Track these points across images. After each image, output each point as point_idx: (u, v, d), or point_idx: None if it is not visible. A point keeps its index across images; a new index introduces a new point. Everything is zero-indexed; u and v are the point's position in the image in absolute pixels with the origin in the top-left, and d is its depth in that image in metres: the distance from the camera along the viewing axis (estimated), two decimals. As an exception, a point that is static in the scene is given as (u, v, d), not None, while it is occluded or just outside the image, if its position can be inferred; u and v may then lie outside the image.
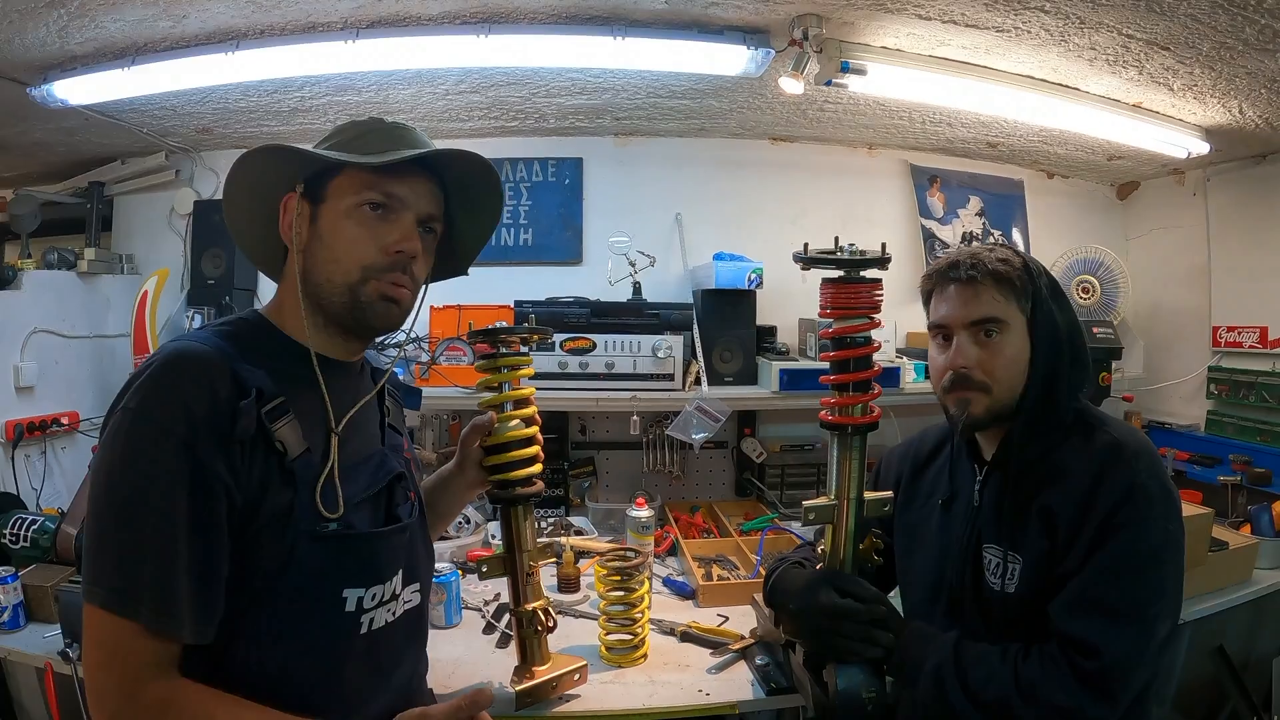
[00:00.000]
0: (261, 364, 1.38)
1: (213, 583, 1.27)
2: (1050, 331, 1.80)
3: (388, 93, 3.41)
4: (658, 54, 2.86)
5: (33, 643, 2.61)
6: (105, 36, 2.80)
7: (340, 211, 1.48)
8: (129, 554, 1.22)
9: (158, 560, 1.21)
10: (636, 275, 3.82)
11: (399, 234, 1.49)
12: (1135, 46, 2.78)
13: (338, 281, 1.47)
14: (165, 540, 1.22)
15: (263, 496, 1.32)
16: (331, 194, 1.49)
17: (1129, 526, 1.62)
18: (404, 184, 1.50)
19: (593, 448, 4.10)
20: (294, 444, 1.38)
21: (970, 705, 1.66)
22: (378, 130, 1.55)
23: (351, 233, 1.47)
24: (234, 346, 1.38)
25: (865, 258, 1.79)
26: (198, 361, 1.30)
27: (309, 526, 1.37)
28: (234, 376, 1.31)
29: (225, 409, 1.28)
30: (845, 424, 1.82)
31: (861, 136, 4.18)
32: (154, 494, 1.22)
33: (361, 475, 1.53)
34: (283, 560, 1.34)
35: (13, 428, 3.50)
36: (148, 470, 1.23)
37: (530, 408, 2.07)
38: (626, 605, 2.49)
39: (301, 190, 1.51)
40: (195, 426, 1.24)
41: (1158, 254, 4.52)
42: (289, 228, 1.52)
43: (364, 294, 1.47)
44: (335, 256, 1.47)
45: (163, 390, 1.27)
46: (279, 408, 1.36)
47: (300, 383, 1.46)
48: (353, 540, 1.44)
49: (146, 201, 4.33)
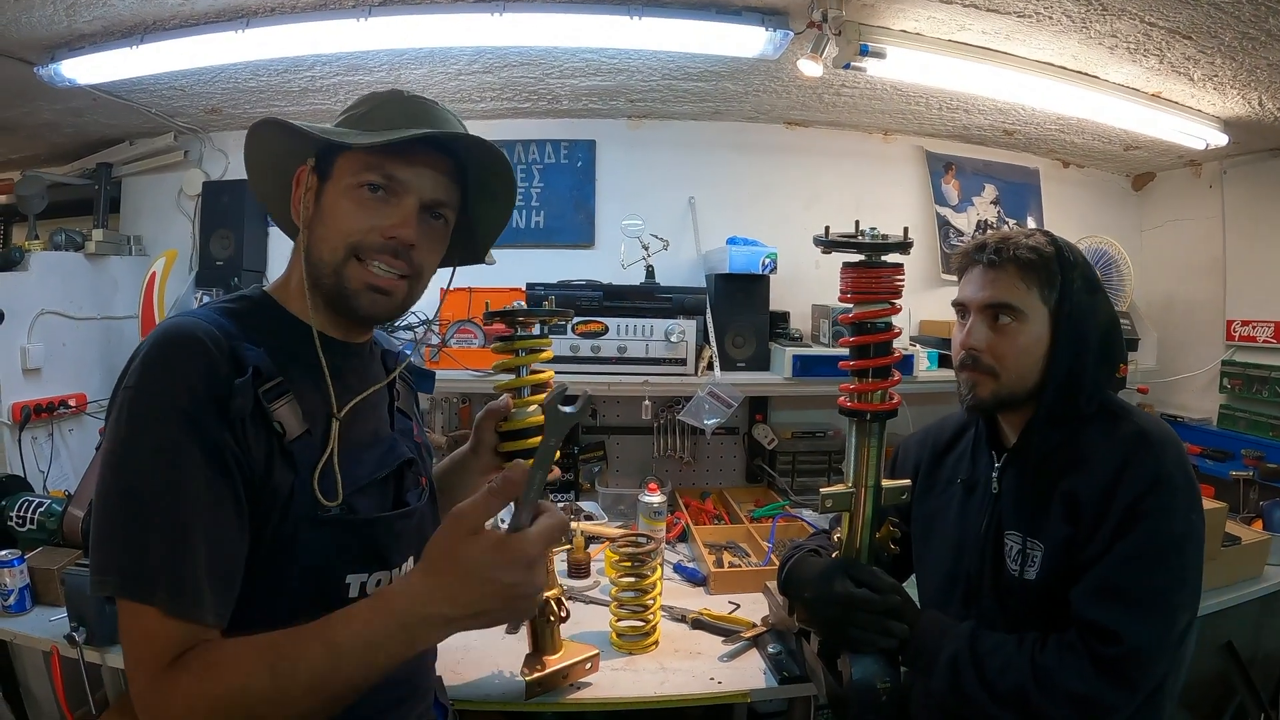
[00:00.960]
0: (262, 343, 1.33)
1: (228, 559, 1.23)
2: (1077, 325, 1.78)
3: (399, 72, 3.37)
4: (675, 34, 2.83)
5: (39, 626, 2.60)
6: (113, 14, 2.77)
7: (340, 190, 1.41)
8: (138, 537, 1.17)
9: (169, 541, 1.16)
10: (649, 259, 3.79)
11: (397, 218, 1.40)
12: (1157, 34, 2.74)
13: (327, 260, 1.40)
14: (175, 519, 1.17)
15: (267, 476, 1.28)
16: (336, 171, 1.42)
17: (1153, 515, 1.61)
18: (409, 166, 1.40)
19: (603, 432, 4.09)
20: (293, 425, 1.32)
21: (986, 695, 1.65)
22: (392, 104, 1.46)
23: (345, 210, 1.39)
24: (235, 324, 1.33)
25: (887, 242, 1.76)
26: (194, 337, 1.24)
27: (308, 511, 1.32)
28: (232, 354, 1.27)
29: (223, 386, 1.23)
30: (864, 410, 1.81)
31: (877, 122, 4.16)
32: (160, 472, 1.18)
33: (368, 460, 1.48)
34: (283, 544, 1.30)
35: (20, 410, 3.49)
36: (153, 448, 1.19)
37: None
38: (638, 592, 2.48)
39: (312, 165, 1.44)
40: (197, 399, 1.20)
41: (1172, 246, 4.49)
42: (298, 202, 1.46)
43: (349, 279, 1.40)
44: (326, 234, 1.41)
45: (161, 366, 1.22)
46: (277, 388, 1.31)
47: (303, 363, 1.40)
48: (354, 525, 1.39)
49: (155, 182, 4.31)
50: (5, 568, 2.64)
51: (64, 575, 2.61)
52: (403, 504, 1.54)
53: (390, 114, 1.43)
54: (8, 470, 3.37)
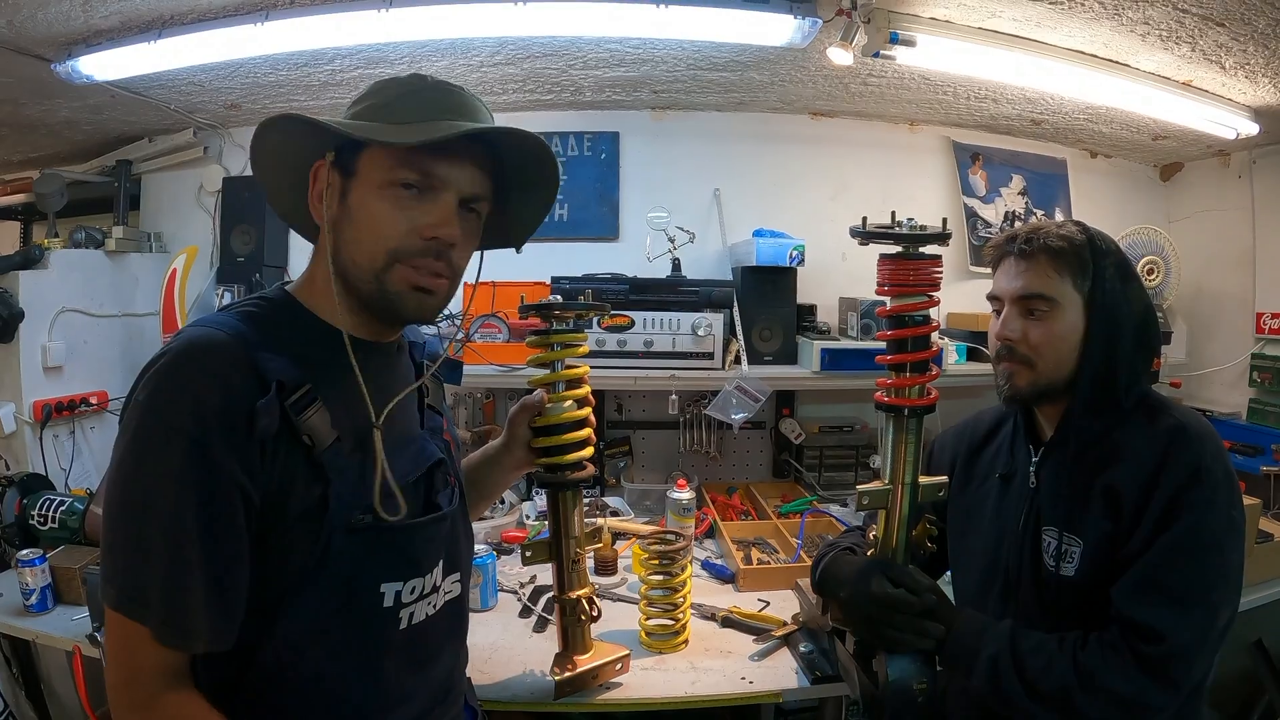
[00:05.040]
0: (285, 349, 1.28)
1: (229, 589, 1.20)
2: (1110, 312, 1.76)
3: (420, 64, 3.36)
4: (701, 23, 2.80)
5: (61, 625, 2.60)
6: (130, 9, 2.75)
7: (371, 189, 1.34)
8: (137, 557, 1.16)
9: (166, 567, 1.16)
10: (675, 251, 3.76)
11: (436, 217, 1.34)
12: (1190, 21, 2.70)
13: (364, 266, 1.34)
14: (174, 546, 1.16)
15: (288, 493, 1.24)
16: (363, 167, 1.35)
17: (1194, 509, 1.60)
18: (446, 161, 1.34)
19: (629, 427, 4.07)
20: (323, 434, 1.28)
21: (1027, 695, 1.64)
22: (418, 92, 1.38)
23: (381, 213, 1.33)
24: (256, 330, 1.28)
25: (926, 233, 1.74)
26: (211, 352, 1.21)
27: (343, 520, 1.28)
28: (253, 366, 1.22)
29: (240, 404, 1.19)
30: (902, 406, 1.78)
31: (904, 112, 4.12)
32: (162, 497, 1.16)
33: (401, 463, 1.43)
34: (317, 557, 1.26)
35: (41, 408, 3.49)
36: (155, 471, 1.16)
37: (584, 388, 1.99)
38: (668, 590, 2.45)
39: (332, 159, 1.37)
40: (205, 423, 1.16)
41: (1201, 237, 4.42)
42: (318, 199, 1.39)
43: (391, 283, 1.34)
44: (360, 238, 1.34)
45: (172, 385, 1.19)
46: (305, 396, 1.27)
47: (330, 367, 1.34)
48: (390, 532, 1.35)
49: (175, 179, 4.30)
50: (27, 567, 2.63)
51: (86, 574, 2.61)
52: (434, 506, 1.50)
53: (418, 104, 1.36)
54: (29, 468, 3.37)
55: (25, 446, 3.47)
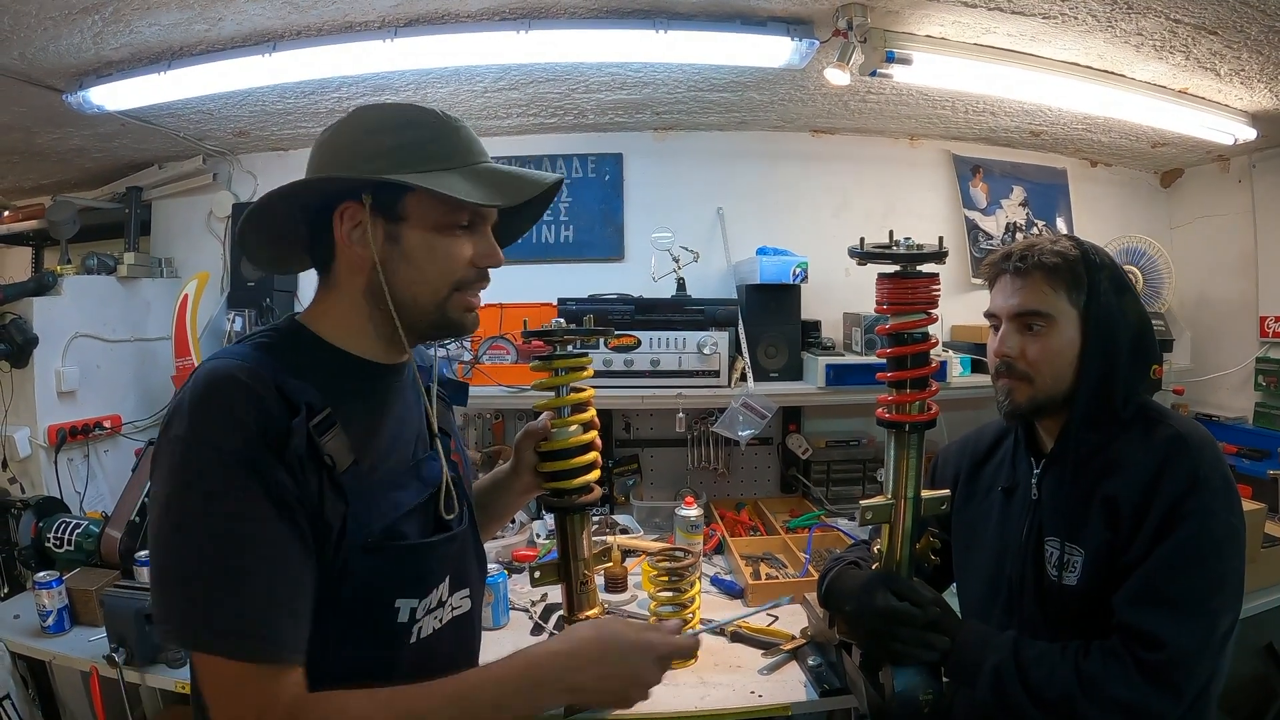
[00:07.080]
0: (303, 375, 1.32)
1: (300, 596, 1.23)
2: (1106, 326, 1.78)
3: (425, 91, 3.39)
4: (700, 47, 2.84)
5: (78, 646, 2.63)
6: (140, 41, 2.80)
7: (428, 231, 1.39)
8: (229, 592, 1.16)
9: (267, 590, 1.18)
10: (680, 271, 3.79)
11: (485, 247, 1.45)
12: (1183, 31, 2.73)
13: (427, 298, 1.41)
14: (271, 565, 1.18)
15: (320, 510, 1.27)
16: (413, 211, 1.38)
17: (1193, 517, 1.61)
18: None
19: (637, 445, 4.09)
20: (342, 456, 1.31)
21: (1031, 704, 1.64)
22: (445, 136, 1.42)
23: (446, 252, 1.41)
24: (275, 360, 1.32)
25: (922, 252, 1.75)
26: (238, 380, 1.23)
27: (359, 539, 1.32)
28: (279, 390, 1.25)
29: (276, 425, 1.22)
30: (903, 421, 1.78)
31: (904, 127, 4.14)
32: (242, 522, 1.17)
33: (410, 482, 1.48)
34: (336, 575, 1.29)
35: (55, 432, 3.52)
36: (214, 494, 1.18)
37: (589, 411, 1.99)
38: (678, 606, 2.47)
39: (370, 203, 1.38)
40: (251, 442, 1.19)
41: (1203, 243, 4.44)
42: (346, 237, 1.40)
43: (451, 309, 1.43)
44: (424, 276, 1.40)
45: (212, 411, 1.21)
46: (326, 420, 1.30)
47: (345, 392, 1.38)
48: (403, 551, 1.39)
49: (185, 205, 4.35)
50: (44, 589, 2.67)
51: (102, 596, 2.62)
52: (444, 526, 1.53)
53: (452, 147, 1.42)
54: (45, 492, 3.40)
55: (40, 470, 3.50)
